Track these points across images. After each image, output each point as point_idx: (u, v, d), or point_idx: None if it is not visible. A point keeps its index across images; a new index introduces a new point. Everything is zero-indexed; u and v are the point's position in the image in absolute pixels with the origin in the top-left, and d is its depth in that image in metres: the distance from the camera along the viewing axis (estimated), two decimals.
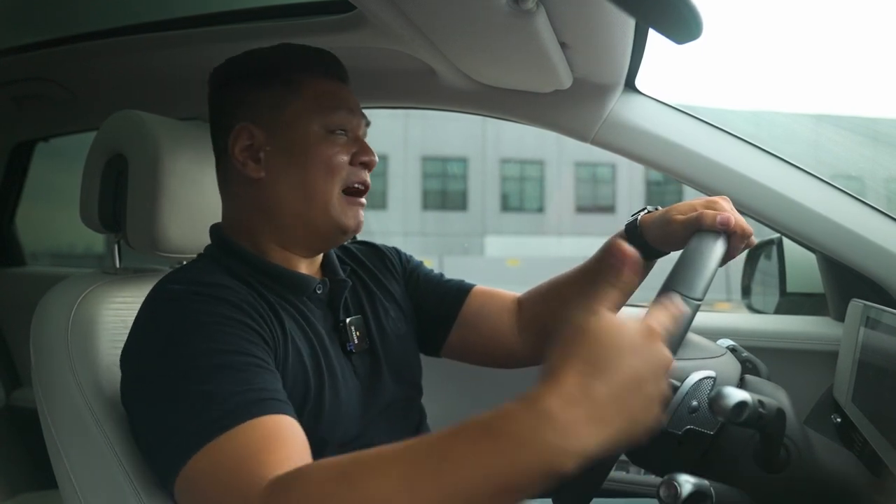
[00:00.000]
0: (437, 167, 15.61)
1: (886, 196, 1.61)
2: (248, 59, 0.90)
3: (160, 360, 0.71)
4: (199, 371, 0.68)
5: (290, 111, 0.85)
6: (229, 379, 0.67)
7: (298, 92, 0.86)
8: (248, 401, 0.66)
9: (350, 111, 0.88)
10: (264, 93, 0.86)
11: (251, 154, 0.86)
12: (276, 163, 0.85)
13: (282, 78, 0.86)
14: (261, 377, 0.69)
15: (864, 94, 15.13)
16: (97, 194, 0.99)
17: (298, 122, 0.85)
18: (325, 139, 0.85)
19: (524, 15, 0.83)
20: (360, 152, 0.87)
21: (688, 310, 0.67)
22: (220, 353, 0.69)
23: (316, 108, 0.86)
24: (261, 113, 0.86)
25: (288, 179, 0.85)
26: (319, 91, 0.87)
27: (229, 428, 0.64)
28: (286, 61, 0.88)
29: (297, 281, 0.86)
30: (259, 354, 0.72)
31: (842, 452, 0.83)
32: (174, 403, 0.67)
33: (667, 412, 0.73)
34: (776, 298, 1.39)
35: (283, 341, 0.78)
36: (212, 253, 0.89)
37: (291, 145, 0.85)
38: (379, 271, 1.02)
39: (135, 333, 0.77)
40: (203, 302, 0.74)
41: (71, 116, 1.64)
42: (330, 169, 0.85)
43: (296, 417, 0.69)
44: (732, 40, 15.26)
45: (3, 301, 1.96)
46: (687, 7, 0.60)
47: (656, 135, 1.18)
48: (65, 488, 0.88)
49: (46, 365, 0.88)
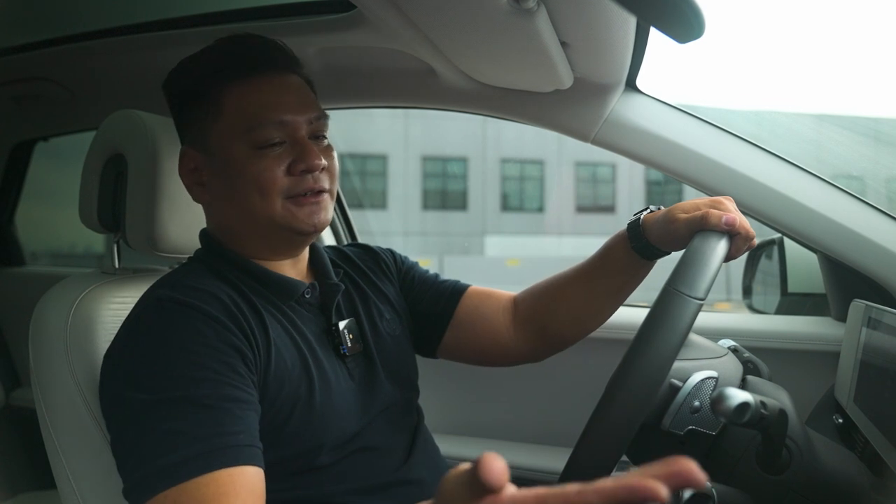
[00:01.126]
0: (437, 167, 15.61)
1: (887, 196, 1.60)
2: (173, 77, 0.87)
3: (136, 379, 0.71)
4: (171, 404, 0.69)
5: (215, 134, 0.83)
6: (200, 419, 0.69)
7: (219, 112, 0.82)
8: (214, 448, 0.67)
9: (281, 115, 0.81)
10: (190, 116, 0.86)
11: (196, 178, 0.86)
12: (215, 186, 0.85)
13: (202, 98, 0.83)
14: (231, 416, 0.70)
15: (865, 94, 15.13)
16: (96, 194, 0.99)
17: (224, 145, 0.82)
18: (253, 156, 0.80)
19: (525, 14, 0.83)
20: (297, 159, 0.81)
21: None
22: (195, 384, 0.70)
23: (238, 126, 0.81)
24: (193, 137, 0.86)
25: (230, 202, 0.84)
26: (242, 103, 0.81)
27: (189, 478, 0.66)
28: (203, 75, 0.84)
29: (285, 285, 0.86)
30: (235, 382, 0.72)
31: (843, 453, 0.83)
32: (141, 435, 0.69)
33: (669, 412, 0.73)
34: (777, 298, 1.39)
35: (266, 346, 0.78)
36: (201, 256, 0.89)
37: (223, 169, 0.83)
38: (373, 273, 1.01)
39: (118, 341, 0.77)
40: (186, 315, 0.74)
41: (70, 116, 1.64)
42: (262, 187, 0.80)
43: (261, 463, 0.71)
44: (734, 39, 15.26)
45: (3, 301, 1.96)
46: (689, 6, 0.59)
47: (657, 135, 1.18)
48: (63, 487, 0.88)
49: (45, 365, 0.88)
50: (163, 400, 0.69)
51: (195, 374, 0.70)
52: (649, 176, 15.19)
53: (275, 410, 0.77)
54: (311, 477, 0.80)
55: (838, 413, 1.02)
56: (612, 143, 1.21)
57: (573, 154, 15.17)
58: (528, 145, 15.19)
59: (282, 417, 0.78)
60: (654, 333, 0.67)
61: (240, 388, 0.72)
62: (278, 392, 0.78)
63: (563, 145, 14.73)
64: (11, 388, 1.93)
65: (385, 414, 0.89)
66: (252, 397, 0.74)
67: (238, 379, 0.73)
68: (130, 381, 0.72)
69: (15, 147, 1.91)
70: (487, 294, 1.05)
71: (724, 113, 7.89)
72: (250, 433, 0.71)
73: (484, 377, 1.44)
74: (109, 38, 1.30)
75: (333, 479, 0.81)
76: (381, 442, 0.87)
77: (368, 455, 0.85)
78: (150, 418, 0.69)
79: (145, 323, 0.76)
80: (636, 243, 0.90)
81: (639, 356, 0.67)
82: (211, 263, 0.86)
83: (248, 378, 0.74)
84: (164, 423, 0.68)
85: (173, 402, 0.69)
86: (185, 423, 0.68)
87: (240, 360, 0.74)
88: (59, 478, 0.88)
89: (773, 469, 0.73)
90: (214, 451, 0.67)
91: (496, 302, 1.05)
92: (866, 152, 2.41)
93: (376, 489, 0.84)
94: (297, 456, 0.79)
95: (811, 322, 1.28)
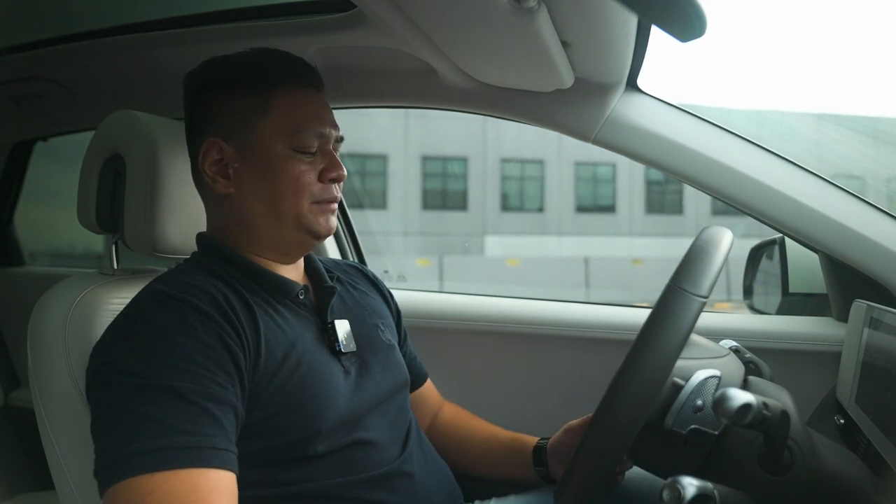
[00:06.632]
0: (437, 167, 15.61)
1: (888, 195, 1.60)
2: (221, 67, 0.90)
3: (122, 364, 0.73)
4: (154, 391, 0.70)
5: (259, 130, 0.86)
6: (180, 411, 0.70)
7: (267, 110, 0.86)
8: (189, 445, 0.68)
9: (320, 128, 0.88)
10: (234, 108, 0.87)
11: (220, 170, 0.87)
12: (245, 180, 0.87)
13: (252, 93, 0.86)
14: (210, 417, 0.71)
15: (865, 93, 15.13)
16: (94, 194, 0.99)
17: (267, 142, 0.86)
18: (292, 158, 0.86)
19: (526, 13, 0.83)
20: (328, 168, 0.88)
21: None
22: (179, 375, 0.71)
23: (284, 128, 0.86)
24: (230, 129, 0.87)
25: (257, 197, 0.87)
26: (289, 108, 0.86)
27: (162, 468, 0.66)
28: (258, 73, 0.87)
29: (280, 283, 0.88)
30: (220, 380, 0.73)
31: (845, 454, 0.83)
32: (119, 417, 0.70)
33: (671, 411, 0.73)
34: (778, 299, 1.39)
35: (256, 341, 0.80)
36: (198, 257, 0.90)
37: (260, 164, 0.86)
38: (366, 290, 1.06)
39: (109, 329, 0.79)
40: (177, 308, 0.76)
41: (70, 116, 1.63)
42: (297, 188, 0.86)
43: (234, 468, 0.72)
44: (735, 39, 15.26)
45: (2, 301, 1.96)
46: (690, 4, 0.59)
47: (658, 134, 1.17)
48: (62, 488, 0.88)
49: (43, 365, 0.88)
50: (147, 386, 0.70)
51: (180, 364, 0.72)
52: (649, 176, 15.20)
53: (266, 401, 0.78)
54: (305, 467, 0.82)
55: (840, 414, 1.01)
56: (612, 143, 1.20)
57: (573, 154, 15.17)
58: (528, 145, 15.18)
59: (274, 408, 0.79)
60: (658, 331, 0.67)
61: (223, 387, 0.73)
62: (268, 384, 0.79)
63: (563, 145, 14.73)
64: (10, 388, 1.92)
65: (379, 409, 0.91)
66: (234, 398, 0.75)
67: (223, 377, 0.74)
68: (117, 365, 0.73)
69: (14, 147, 1.91)
70: (430, 394, 1.16)
71: (725, 112, 7.90)
72: (226, 436, 0.72)
73: (484, 377, 1.44)
74: (109, 38, 1.29)
75: (327, 470, 0.83)
76: (376, 436, 0.88)
77: (362, 449, 0.86)
78: (131, 401, 0.70)
79: (136, 313, 0.78)
80: (540, 467, 1.03)
81: (642, 354, 0.67)
82: (207, 263, 0.87)
83: (234, 377, 0.75)
84: (144, 407, 0.69)
85: (156, 390, 0.70)
86: (165, 411, 0.69)
87: (228, 358, 0.75)
88: (58, 478, 0.88)
89: (776, 470, 0.73)
90: (190, 447, 0.68)
91: (433, 405, 1.16)
92: (866, 151, 2.41)
93: (370, 481, 0.85)
94: (291, 445, 0.81)
95: (812, 322, 1.28)
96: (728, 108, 9.52)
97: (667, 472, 0.69)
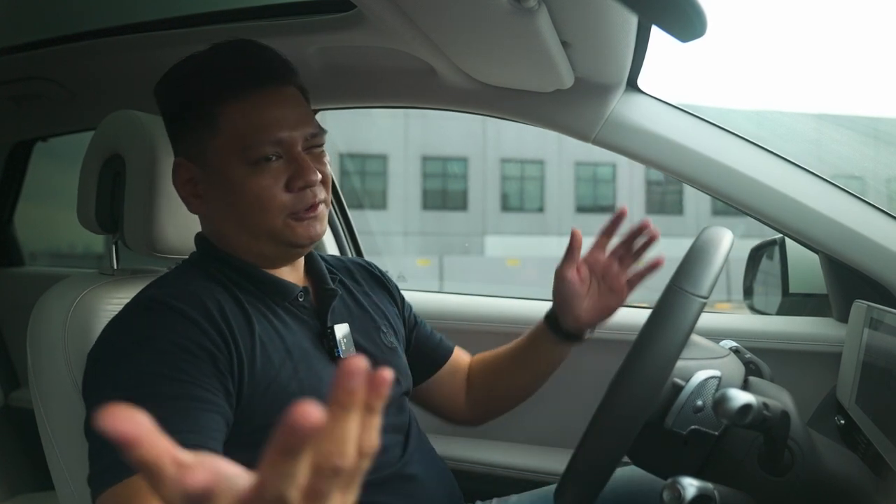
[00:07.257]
0: (437, 167, 15.61)
1: (888, 195, 1.60)
2: (166, 87, 0.86)
3: (111, 375, 0.73)
4: (140, 397, 0.68)
5: (211, 150, 0.81)
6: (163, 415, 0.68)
7: (214, 127, 0.80)
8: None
9: (275, 133, 0.80)
10: (185, 129, 0.84)
11: (192, 189, 0.85)
12: (213, 199, 0.84)
13: (197, 111, 0.81)
14: (194, 420, 0.70)
15: (865, 93, 15.13)
16: (94, 195, 0.99)
17: (221, 162, 0.80)
18: (252, 174, 0.79)
19: (526, 13, 0.83)
20: (295, 176, 0.80)
21: None
22: (165, 381, 0.71)
23: (236, 142, 0.79)
24: (188, 150, 0.85)
25: (227, 217, 0.84)
26: (237, 121, 0.80)
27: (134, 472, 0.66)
28: (199, 88, 0.81)
29: (278, 286, 0.86)
30: (201, 383, 0.72)
31: (845, 454, 0.83)
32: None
33: (672, 412, 0.73)
34: (778, 299, 1.38)
35: (250, 345, 0.79)
36: (195, 259, 0.90)
37: (221, 184, 0.81)
38: (371, 289, 1.03)
39: (100, 340, 0.78)
40: (163, 316, 0.75)
41: (69, 116, 1.63)
42: (263, 205, 0.80)
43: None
44: (735, 39, 15.26)
45: (2, 301, 1.96)
46: (690, 4, 0.59)
47: (658, 134, 1.17)
48: (61, 488, 0.88)
49: (43, 366, 0.88)
50: (131, 392, 0.70)
51: (164, 371, 0.71)
52: (649, 176, 15.19)
53: (265, 407, 0.78)
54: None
55: (840, 414, 1.01)
56: (613, 144, 1.20)
57: (573, 154, 15.17)
58: (528, 145, 15.18)
59: (273, 414, 0.78)
60: (658, 331, 0.67)
61: (208, 391, 0.73)
62: (266, 389, 0.78)
63: (563, 145, 14.72)
64: (10, 388, 1.92)
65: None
66: (217, 398, 0.74)
67: (205, 380, 0.73)
68: (107, 377, 0.73)
69: (14, 147, 1.91)
70: (461, 360, 1.13)
71: (724, 112, 7.90)
72: (210, 436, 0.71)
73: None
74: (109, 38, 1.29)
75: None
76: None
77: None
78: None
79: (124, 323, 0.78)
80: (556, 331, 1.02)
81: (642, 354, 0.67)
82: (204, 265, 0.86)
83: (216, 379, 0.74)
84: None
85: (140, 396, 0.68)
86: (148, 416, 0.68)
87: (209, 363, 0.74)
88: (57, 479, 0.88)
89: (776, 470, 0.73)
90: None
91: (463, 369, 1.13)
92: (867, 152, 2.41)
93: (372, 485, 0.84)
94: None
95: (813, 323, 1.28)
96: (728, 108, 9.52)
97: (667, 472, 0.69)
